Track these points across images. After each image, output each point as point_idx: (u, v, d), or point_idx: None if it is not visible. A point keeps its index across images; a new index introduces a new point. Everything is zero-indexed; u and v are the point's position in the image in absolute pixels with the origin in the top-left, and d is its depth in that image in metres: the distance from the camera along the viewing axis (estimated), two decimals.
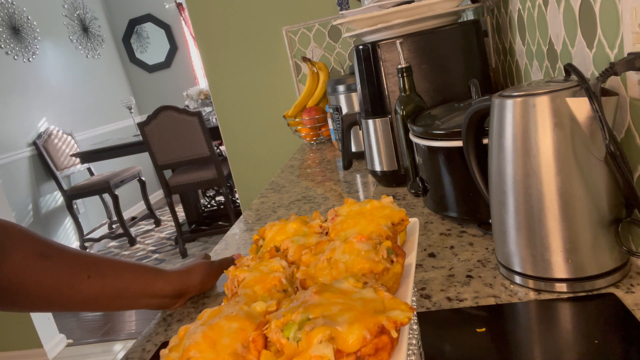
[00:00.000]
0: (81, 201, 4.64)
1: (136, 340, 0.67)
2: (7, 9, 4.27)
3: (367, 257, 0.39)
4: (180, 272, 0.72)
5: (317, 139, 1.83)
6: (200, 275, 0.73)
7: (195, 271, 0.73)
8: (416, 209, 0.92)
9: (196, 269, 0.73)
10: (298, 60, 2.21)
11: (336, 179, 1.30)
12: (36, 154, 4.28)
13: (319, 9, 2.14)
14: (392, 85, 0.99)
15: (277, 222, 0.51)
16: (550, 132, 0.51)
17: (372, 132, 1.06)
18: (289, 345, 0.30)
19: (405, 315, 0.31)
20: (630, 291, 0.53)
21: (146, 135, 3.34)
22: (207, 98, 4.38)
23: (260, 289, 0.40)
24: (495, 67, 1.17)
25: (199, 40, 2.29)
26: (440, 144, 0.76)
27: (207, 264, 0.75)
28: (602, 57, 0.58)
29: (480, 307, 0.57)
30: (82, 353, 2.80)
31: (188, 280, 0.72)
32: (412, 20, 0.95)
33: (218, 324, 0.33)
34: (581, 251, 0.53)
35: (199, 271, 0.73)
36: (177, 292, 0.71)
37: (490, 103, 0.58)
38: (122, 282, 0.65)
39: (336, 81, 1.51)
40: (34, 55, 4.50)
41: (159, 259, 3.89)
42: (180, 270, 0.72)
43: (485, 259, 0.67)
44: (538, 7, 0.78)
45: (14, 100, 4.16)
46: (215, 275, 0.75)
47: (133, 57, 5.83)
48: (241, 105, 2.34)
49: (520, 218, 0.56)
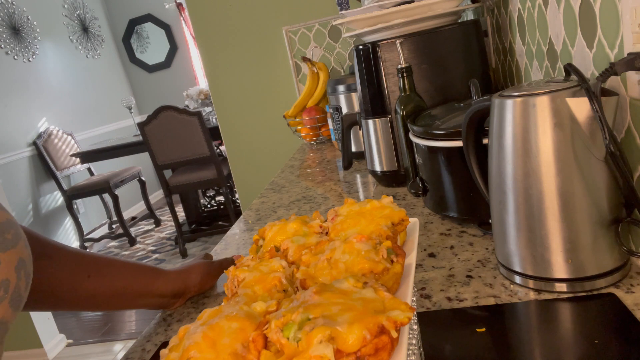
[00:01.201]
0: (81, 201, 4.64)
1: (136, 340, 0.67)
2: (7, 9, 4.27)
3: (367, 257, 0.39)
4: (180, 271, 0.72)
5: (317, 139, 1.83)
6: (199, 275, 0.73)
7: (195, 271, 0.73)
8: (416, 209, 0.92)
9: (196, 268, 0.73)
10: (298, 60, 2.21)
11: (336, 179, 1.30)
12: (36, 154, 4.28)
13: (319, 9, 2.14)
14: (392, 85, 0.99)
15: (277, 222, 0.51)
16: (550, 132, 0.51)
17: (372, 132, 1.06)
18: (289, 345, 0.30)
19: (405, 315, 0.31)
20: (630, 291, 0.53)
21: (146, 135, 3.34)
22: (207, 98, 4.38)
23: (260, 289, 0.40)
24: (495, 67, 1.17)
25: (199, 40, 2.29)
26: (440, 144, 0.76)
27: (207, 264, 0.75)
28: (602, 57, 0.58)
29: (480, 307, 0.57)
30: (82, 353, 2.80)
31: (187, 280, 0.71)
32: (412, 20, 0.95)
33: (218, 324, 0.33)
34: (581, 251, 0.53)
35: (198, 271, 0.73)
36: (176, 292, 0.70)
37: (490, 103, 0.58)
38: (121, 282, 0.65)
39: (336, 81, 1.51)
40: (34, 55, 4.50)
41: (159, 259, 3.89)
42: (180, 270, 0.72)
43: (485, 259, 0.67)
44: (538, 7, 0.78)
45: (14, 100, 4.16)
46: (215, 275, 0.75)
47: (133, 57, 5.83)
48: (241, 105, 2.34)
49: (520, 218, 0.56)
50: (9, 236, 0.38)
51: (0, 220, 0.38)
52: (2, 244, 0.37)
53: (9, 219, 0.39)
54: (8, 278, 0.36)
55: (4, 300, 0.36)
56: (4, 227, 0.38)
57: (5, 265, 0.36)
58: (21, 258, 0.38)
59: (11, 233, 0.38)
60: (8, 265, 0.37)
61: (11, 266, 0.37)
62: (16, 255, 0.38)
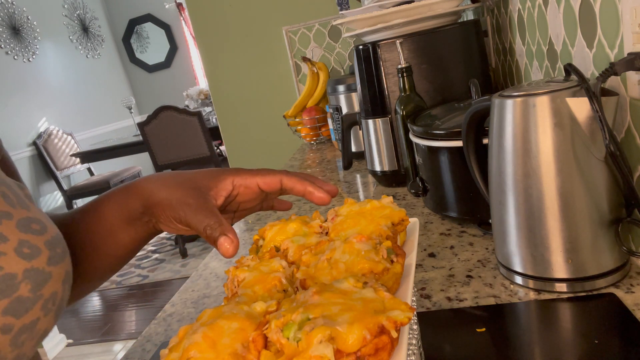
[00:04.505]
0: (81, 201, 4.63)
1: (136, 340, 0.67)
2: (7, 9, 4.27)
3: (367, 257, 0.39)
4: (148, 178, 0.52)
5: (317, 139, 1.83)
6: (159, 182, 0.50)
7: (155, 178, 0.51)
8: (416, 209, 0.92)
9: (157, 175, 0.52)
10: (298, 60, 2.21)
11: (336, 179, 1.30)
12: (36, 154, 4.28)
13: (319, 9, 2.13)
14: (392, 85, 0.99)
15: (277, 222, 0.51)
16: (550, 132, 0.51)
17: (372, 132, 1.06)
18: (289, 345, 0.30)
19: (405, 315, 0.31)
20: (630, 291, 0.53)
21: (146, 135, 3.34)
22: (207, 98, 4.38)
23: (260, 289, 0.40)
24: (495, 67, 1.17)
25: (199, 40, 2.29)
26: (440, 144, 0.76)
27: (181, 173, 0.52)
28: (602, 57, 0.58)
29: (480, 307, 0.57)
30: (82, 353, 2.80)
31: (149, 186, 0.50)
32: (412, 20, 0.95)
33: (218, 324, 0.33)
34: (581, 251, 0.53)
35: (159, 177, 0.51)
36: (144, 204, 0.51)
37: (490, 103, 0.58)
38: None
39: (336, 81, 1.51)
40: (34, 55, 4.50)
41: (159, 258, 3.89)
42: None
43: (485, 259, 0.67)
44: (538, 7, 0.78)
45: (14, 100, 4.16)
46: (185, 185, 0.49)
47: (133, 57, 5.83)
48: (241, 106, 2.33)
49: (520, 218, 0.56)
50: (59, 250, 0.38)
51: (51, 234, 0.38)
52: (54, 258, 0.38)
53: (58, 233, 0.40)
54: (57, 291, 0.38)
55: (50, 312, 0.37)
56: (55, 242, 0.38)
57: (55, 278, 0.37)
58: (67, 271, 0.39)
59: (60, 247, 0.39)
60: (57, 278, 0.38)
61: (59, 279, 0.38)
62: (64, 268, 0.39)
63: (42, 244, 0.37)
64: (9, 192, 0.38)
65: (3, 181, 0.39)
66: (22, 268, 0.35)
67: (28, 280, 0.35)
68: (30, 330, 0.36)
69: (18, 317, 0.35)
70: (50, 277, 0.37)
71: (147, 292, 3.40)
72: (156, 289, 3.40)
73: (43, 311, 0.36)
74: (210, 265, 0.90)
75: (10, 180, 0.40)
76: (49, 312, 0.37)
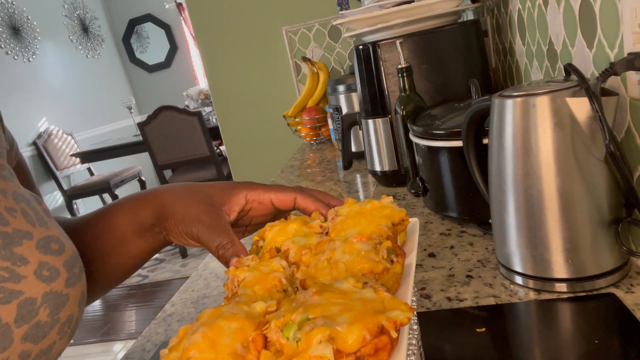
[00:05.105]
0: (81, 201, 4.64)
1: (136, 340, 0.67)
2: (7, 9, 4.27)
3: (367, 257, 0.39)
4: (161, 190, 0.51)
5: (317, 139, 1.83)
6: (177, 195, 0.48)
7: (172, 190, 0.49)
8: (416, 209, 0.92)
9: (174, 188, 0.50)
10: (298, 60, 2.21)
11: (336, 179, 1.30)
12: (36, 154, 4.28)
13: (319, 9, 2.13)
14: (392, 85, 0.99)
15: (277, 222, 0.51)
16: (550, 132, 0.51)
17: (372, 132, 1.06)
18: (288, 345, 0.30)
19: (405, 316, 0.31)
20: (630, 291, 0.53)
21: (146, 135, 3.34)
22: (207, 98, 4.38)
23: (260, 289, 0.40)
24: (495, 67, 1.17)
25: (199, 40, 2.29)
26: (440, 144, 0.76)
27: (195, 188, 0.51)
28: (602, 57, 0.58)
29: (480, 307, 0.57)
30: (82, 353, 2.80)
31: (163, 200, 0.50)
32: (412, 20, 0.95)
33: (218, 324, 0.33)
34: (581, 251, 0.53)
35: (176, 190, 0.49)
36: (156, 216, 0.50)
37: (490, 103, 0.58)
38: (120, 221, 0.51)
39: (336, 81, 1.51)
40: (34, 55, 4.50)
41: (159, 258, 3.89)
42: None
43: (485, 259, 0.67)
44: (538, 7, 0.78)
45: (14, 100, 4.16)
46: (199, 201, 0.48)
47: (133, 57, 5.83)
48: (241, 105, 2.33)
49: (520, 218, 0.56)
50: (76, 270, 0.37)
51: (69, 253, 0.37)
52: (71, 279, 0.36)
53: (74, 250, 0.38)
54: (73, 313, 0.37)
55: (66, 335, 0.36)
56: (72, 261, 0.37)
57: (72, 301, 0.36)
58: (83, 292, 0.38)
59: (77, 266, 0.38)
60: (74, 301, 0.36)
61: (76, 302, 0.37)
62: (80, 289, 0.37)
63: (61, 265, 0.36)
64: (28, 209, 0.36)
65: (22, 196, 0.37)
66: (41, 292, 0.34)
67: (47, 304, 0.34)
68: (46, 355, 0.35)
69: (36, 342, 0.33)
70: (68, 300, 0.36)
71: (147, 292, 3.40)
72: (156, 289, 3.40)
73: (59, 335, 0.35)
74: (210, 265, 0.90)
75: (28, 194, 0.39)
76: (64, 335, 0.36)
